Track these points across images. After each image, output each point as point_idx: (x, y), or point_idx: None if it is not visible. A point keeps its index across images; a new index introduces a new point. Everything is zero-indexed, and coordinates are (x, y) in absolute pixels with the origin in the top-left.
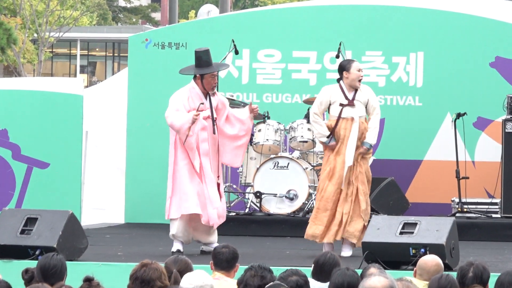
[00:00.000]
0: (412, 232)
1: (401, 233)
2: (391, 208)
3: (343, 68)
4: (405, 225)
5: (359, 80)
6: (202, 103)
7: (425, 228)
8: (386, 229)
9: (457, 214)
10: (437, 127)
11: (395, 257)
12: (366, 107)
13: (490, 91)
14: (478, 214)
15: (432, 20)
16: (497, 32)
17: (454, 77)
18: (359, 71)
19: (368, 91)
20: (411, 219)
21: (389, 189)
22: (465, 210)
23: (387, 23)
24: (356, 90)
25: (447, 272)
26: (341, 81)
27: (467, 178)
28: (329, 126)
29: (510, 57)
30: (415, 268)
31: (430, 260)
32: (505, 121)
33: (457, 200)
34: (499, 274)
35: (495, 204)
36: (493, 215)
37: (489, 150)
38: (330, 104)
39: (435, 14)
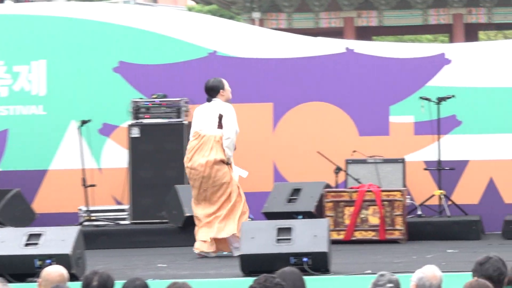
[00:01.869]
0: (37, 243)
1: (26, 244)
2: (17, 220)
3: (220, 87)
4: (30, 236)
5: None
6: None
7: (50, 239)
8: (11, 242)
9: (85, 223)
10: (61, 136)
11: (21, 269)
12: None
13: (114, 97)
14: (107, 221)
15: (53, 27)
16: (119, 36)
17: (78, 84)
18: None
19: None
20: (36, 230)
21: (15, 201)
22: (93, 218)
23: (7, 32)
24: None
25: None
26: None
27: (94, 185)
28: None
29: (133, 61)
30: (39, 280)
31: (54, 271)
32: (130, 126)
33: (84, 208)
34: (125, 281)
35: (124, 210)
36: (122, 222)
37: (116, 156)
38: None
39: (56, 21)
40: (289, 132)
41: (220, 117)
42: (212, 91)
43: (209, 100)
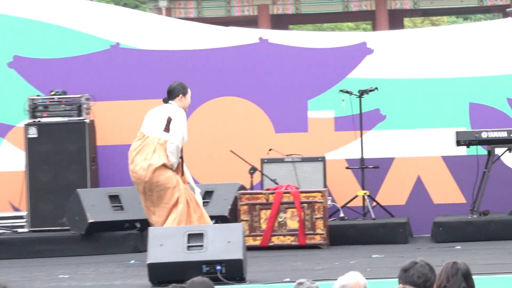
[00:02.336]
0: None
1: None
2: None
3: (180, 92)
4: None
5: None
6: None
7: None
8: None
9: None
10: None
11: None
12: None
13: (9, 94)
14: (3, 229)
15: None
16: (13, 28)
17: None
18: None
19: None
20: None
21: None
22: None
23: None
24: None
25: None
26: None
27: None
28: None
29: (29, 55)
30: None
31: None
32: (27, 126)
33: None
34: None
35: (22, 217)
36: (20, 230)
37: (12, 158)
38: None
39: None
40: (199, 129)
41: (169, 120)
42: (171, 93)
43: (165, 101)
